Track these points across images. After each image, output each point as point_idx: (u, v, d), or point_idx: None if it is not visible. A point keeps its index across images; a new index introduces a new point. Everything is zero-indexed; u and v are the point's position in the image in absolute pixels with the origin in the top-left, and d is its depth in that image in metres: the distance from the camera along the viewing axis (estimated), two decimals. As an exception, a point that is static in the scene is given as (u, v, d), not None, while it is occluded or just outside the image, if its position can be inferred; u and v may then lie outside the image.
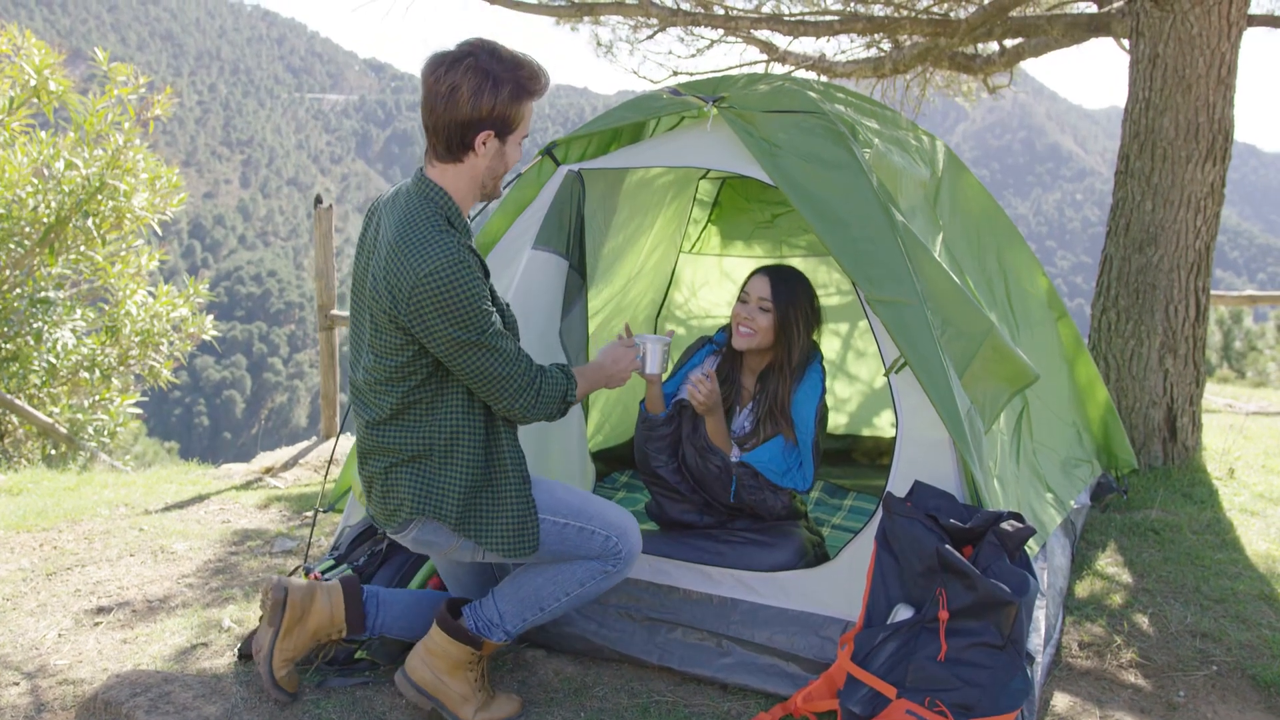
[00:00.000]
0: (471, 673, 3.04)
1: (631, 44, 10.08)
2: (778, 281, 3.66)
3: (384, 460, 2.89)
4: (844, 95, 4.05)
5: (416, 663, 3.03)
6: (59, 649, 3.66)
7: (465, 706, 3.02)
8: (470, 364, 2.72)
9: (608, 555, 3.00)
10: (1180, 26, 5.41)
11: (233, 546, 4.83)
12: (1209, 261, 5.69)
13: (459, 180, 2.78)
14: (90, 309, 9.73)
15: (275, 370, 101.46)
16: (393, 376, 2.79)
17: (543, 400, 2.85)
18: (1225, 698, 3.29)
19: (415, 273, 2.61)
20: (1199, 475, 5.57)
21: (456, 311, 2.63)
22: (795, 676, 3.22)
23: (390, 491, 2.90)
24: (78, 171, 9.25)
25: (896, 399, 3.23)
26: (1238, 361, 17.44)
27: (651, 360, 3.29)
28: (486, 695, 3.07)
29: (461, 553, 2.98)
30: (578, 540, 2.98)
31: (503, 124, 2.71)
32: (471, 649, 3.02)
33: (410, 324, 2.67)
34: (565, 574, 3.01)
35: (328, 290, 7.93)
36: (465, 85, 2.62)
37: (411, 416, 2.83)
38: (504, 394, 2.79)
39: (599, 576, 3.01)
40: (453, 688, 3.01)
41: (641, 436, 3.73)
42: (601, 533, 2.99)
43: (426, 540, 2.97)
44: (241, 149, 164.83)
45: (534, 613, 3.05)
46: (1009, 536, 2.83)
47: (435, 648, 3.02)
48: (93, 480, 6.43)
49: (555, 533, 2.96)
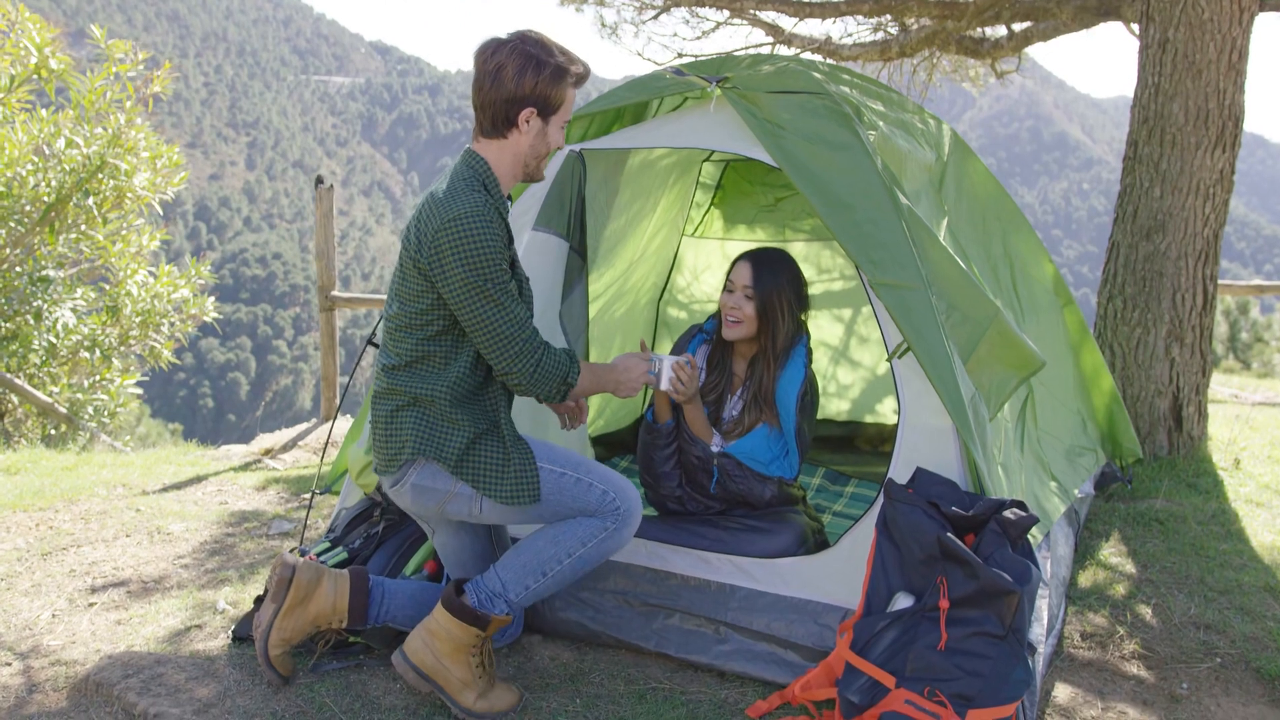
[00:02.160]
0: (474, 657, 2.99)
1: (636, 25, 10.01)
2: (760, 267, 3.62)
3: (392, 403, 2.97)
4: (849, 77, 4.00)
5: (417, 644, 2.98)
6: (53, 629, 3.64)
7: (465, 692, 2.98)
8: (477, 314, 2.81)
9: (606, 510, 2.99)
10: (1191, 11, 5.34)
11: (229, 528, 4.81)
12: (1217, 250, 5.63)
13: (502, 155, 2.95)
14: (91, 288, 9.70)
15: (280, 353, 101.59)
16: (412, 323, 2.91)
17: (541, 372, 2.91)
18: (1229, 690, 3.26)
19: (441, 217, 2.79)
20: (1204, 465, 5.52)
21: (472, 258, 2.76)
22: (793, 664, 3.18)
23: (394, 434, 2.96)
24: (78, 150, 9.20)
25: (899, 385, 3.18)
26: (1244, 352, 17.40)
27: (666, 377, 3.34)
28: (487, 683, 3.02)
29: (458, 503, 2.97)
30: (575, 492, 2.98)
31: (544, 103, 2.90)
32: (476, 630, 2.96)
33: (430, 267, 2.81)
34: (566, 533, 2.99)
35: (329, 271, 7.88)
36: (510, 65, 2.84)
37: (425, 368, 2.94)
38: (505, 354, 2.86)
39: (600, 534, 2.99)
40: (453, 671, 2.97)
41: (646, 441, 3.71)
42: (600, 486, 2.99)
43: (424, 486, 2.97)
44: (247, 131, 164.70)
45: (536, 578, 3.00)
46: (1011, 525, 2.79)
47: (438, 628, 2.97)
48: (91, 460, 6.40)
49: (553, 482, 2.97)
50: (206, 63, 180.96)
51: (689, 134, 3.70)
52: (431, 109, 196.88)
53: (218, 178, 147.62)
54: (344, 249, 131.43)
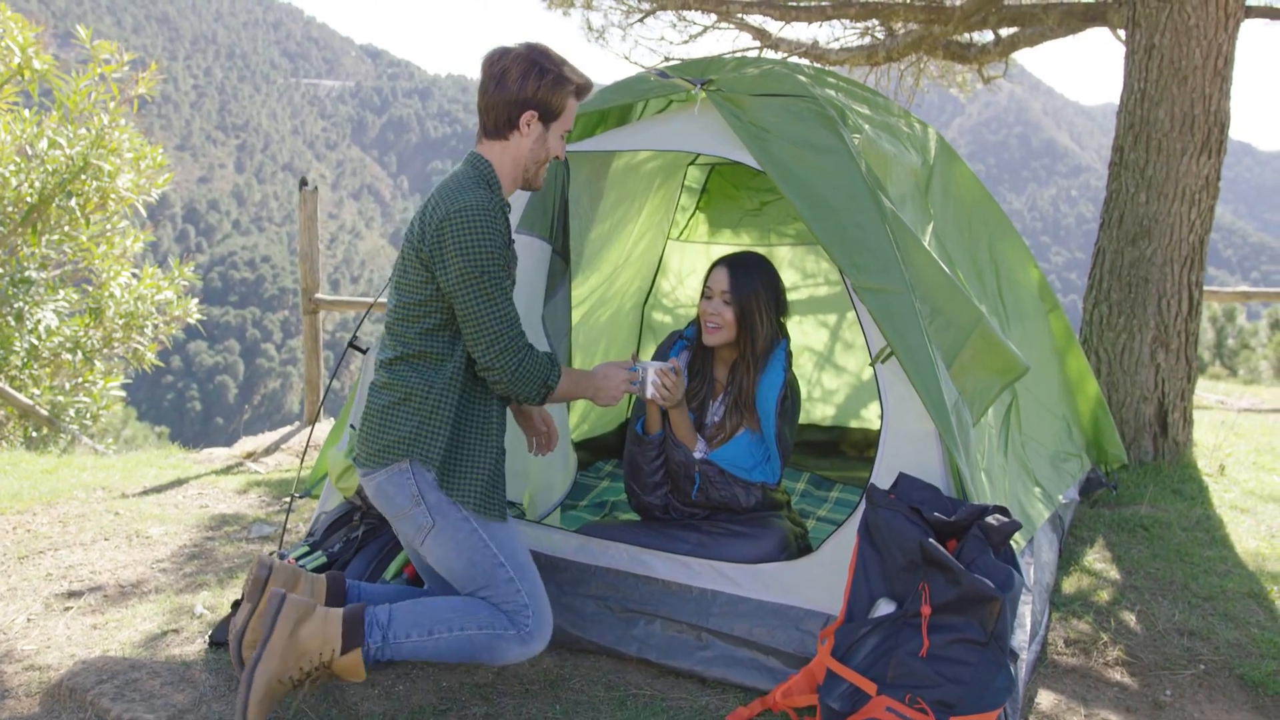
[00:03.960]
0: (306, 670, 2.84)
1: (624, 29, 10.00)
2: (737, 271, 3.60)
3: (386, 397, 2.98)
4: (835, 80, 3.98)
5: (296, 605, 2.88)
6: (27, 634, 3.59)
7: (273, 660, 2.80)
8: (470, 306, 2.85)
9: (517, 617, 2.93)
10: (1177, 16, 5.34)
11: (209, 531, 4.76)
12: (1203, 255, 5.63)
13: (504, 157, 3.03)
14: (74, 290, 9.62)
15: (268, 356, 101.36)
16: (409, 315, 2.96)
17: (522, 371, 2.93)
18: (1212, 697, 3.24)
19: (447, 208, 2.85)
20: (1189, 471, 5.52)
21: (472, 249, 2.82)
22: (775, 670, 3.16)
23: (385, 429, 2.96)
24: (61, 151, 9.14)
25: (883, 390, 3.16)
26: (1230, 359, 17.47)
27: (650, 383, 3.35)
28: (288, 686, 2.84)
29: (407, 525, 2.97)
30: (499, 586, 2.94)
31: (545, 108, 2.98)
32: (336, 646, 2.84)
33: (431, 255, 2.87)
34: (472, 609, 2.94)
35: (312, 273, 7.84)
36: (515, 68, 2.94)
37: (420, 364, 2.97)
38: (490, 348, 2.88)
39: (500, 631, 2.92)
40: (286, 656, 2.80)
41: (634, 451, 3.68)
42: (524, 597, 2.95)
43: (387, 492, 2.96)
44: (237, 134, 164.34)
45: (421, 634, 2.91)
46: (994, 530, 2.77)
47: (319, 614, 2.88)
48: (71, 463, 6.35)
49: (486, 563, 2.94)
50: (196, 65, 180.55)
51: (673, 137, 3.68)
52: (422, 113, 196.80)
53: (207, 180, 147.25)
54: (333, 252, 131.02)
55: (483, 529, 2.96)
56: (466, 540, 2.94)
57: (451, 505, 2.95)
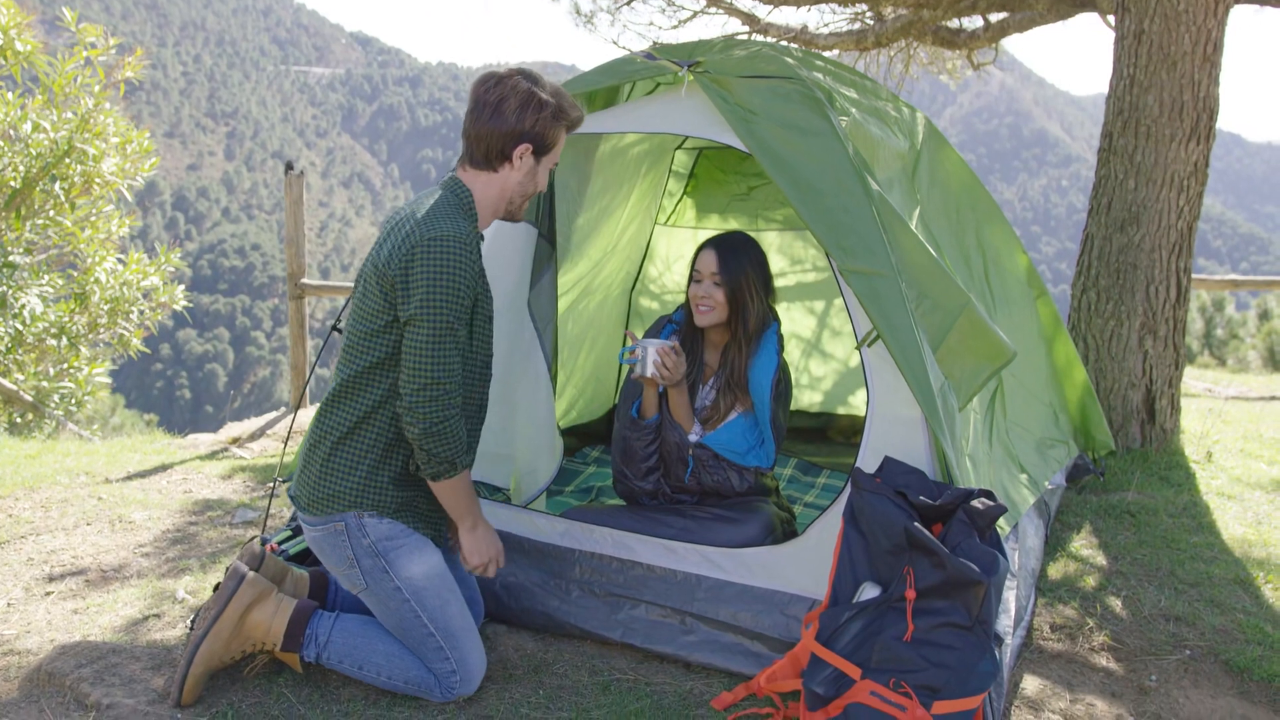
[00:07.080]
0: (252, 647, 2.96)
1: (612, 14, 9.95)
2: (724, 253, 3.58)
3: (331, 435, 2.91)
4: (823, 63, 3.95)
5: (257, 585, 2.96)
6: (7, 619, 3.56)
7: (218, 640, 2.89)
8: (419, 335, 2.73)
9: (444, 680, 2.94)
10: (1166, 2, 5.33)
11: (193, 516, 4.73)
12: (1191, 242, 5.62)
13: (489, 189, 2.93)
14: (59, 275, 9.55)
15: (258, 344, 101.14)
16: (360, 344, 2.84)
17: (441, 430, 2.77)
18: (1197, 682, 3.24)
19: (423, 233, 2.72)
20: (1177, 458, 5.52)
21: (440, 281, 2.69)
22: (759, 655, 3.14)
23: (328, 476, 2.90)
24: (46, 134, 9.05)
25: (869, 374, 3.14)
26: (1219, 349, 17.48)
27: (650, 362, 3.34)
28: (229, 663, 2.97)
29: (349, 579, 2.96)
30: (431, 653, 2.94)
31: (540, 141, 2.91)
32: (278, 640, 2.93)
33: (394, 280, 2.73)
34: (404, 664, 2.96)
35: (298, 258, 7.79)
36: (513, 99, 2.85)
37: (363, 397, 2.86)
38: (421, 390, 2.74)
39: (423, 688, 2.95)
40: (234, 638, 2.91)
41: (628, 436, 3.63)
42: (452, 664, 2.94)
43: (325, 546, 2.95)
44: (226, 121, 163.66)
45: (352, 665, 2.96)
46: (979, 514, 2.75)
47: (279, 603, 2.95)
48: (55, 449, 6.31)
49: (417, 632, 2.94)
50: (185, 52, 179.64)
51: (660, 119, 3.65)
52: (412, 100, 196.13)
53: (196, 168, 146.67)
54: (324, 240, 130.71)
55: (414, 598, 2.92)
56: (398, 609, 2.93)
57: (384, 573, 2.91)
